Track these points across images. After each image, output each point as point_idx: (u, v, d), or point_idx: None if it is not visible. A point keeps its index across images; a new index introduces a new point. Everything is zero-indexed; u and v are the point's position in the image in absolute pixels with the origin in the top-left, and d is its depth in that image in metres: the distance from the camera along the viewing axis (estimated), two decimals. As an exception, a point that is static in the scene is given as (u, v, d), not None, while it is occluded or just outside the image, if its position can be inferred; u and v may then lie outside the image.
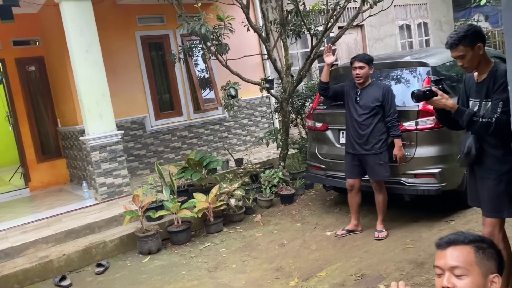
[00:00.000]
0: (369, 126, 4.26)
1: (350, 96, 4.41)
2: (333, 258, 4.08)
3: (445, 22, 12.06)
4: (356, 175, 4.44)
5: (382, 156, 4.27)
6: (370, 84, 4.36)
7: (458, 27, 2.80)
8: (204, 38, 5.01)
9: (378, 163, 4.27)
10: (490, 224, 2.70)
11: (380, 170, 4.29)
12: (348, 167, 4.47)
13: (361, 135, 4.29)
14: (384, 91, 4.26)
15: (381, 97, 4.23)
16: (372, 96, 4.27)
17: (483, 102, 2.70)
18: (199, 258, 4.55)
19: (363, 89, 4.34)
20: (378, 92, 4.26)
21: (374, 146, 4.25)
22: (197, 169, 5.66)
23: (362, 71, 4.27)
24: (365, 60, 4.28)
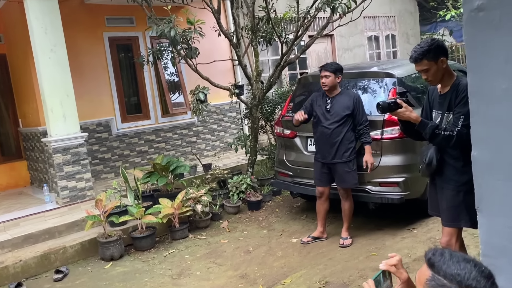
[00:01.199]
0: (339, 134, 4.30)
1: (319, 105, 4.43)
2: (298, 265, 4.08)
3: (412, 35, 12.40)
4: (326, 183, 4.47)
5: (351, 164, 4.32)
6: (339, 93, 4.39)
7: (422, 41, 2.88)
8: (174, 42, 4.95)
9: (347, 171, 4.32)
10: (448, 233, 2.77)
11: (348, 177, 4.33)
12: (318, 175, 4.50)
13: (331, 143, 4.33)
14: (354, 100, 4.31)
15: (351, 106, 4.28)
16: (342, 105, 4.30)
17: (445, 114, 2.78)
18: (163, 264, 4.46)
19: (333, 98, 4.37)
20: (348, 101, 4.30)
21: (344, 154, 4.30)
22: (164, 174, 5.57)
23: (328, 80, 4.30)
24: (331, 69, 4.30)
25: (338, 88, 4.41)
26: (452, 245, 2.78)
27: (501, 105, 1.65)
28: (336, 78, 4.32)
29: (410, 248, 4.15)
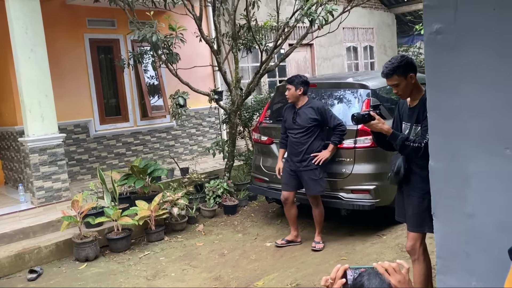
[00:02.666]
0: (305, 144, 4.44)
1: (289, 116, 4.58)
2: (271, 268, 4.20)
3: (389, 47, 12.76)
4: (292, 188, 4.59)
5: (317, 172, 4.45)
6: (306, 104, 4.50)
7: (392, 58, 3.05)
8: (155, 46, 5.03)
9: (313, 178, 4.45)
10: (412, 238, 2.94)
11: (315, 185, 4.47)
12: (285, 180, 4.63)
13: (297, 152, 4.47)
14: (318, 109, 4.43)
15: (317, 115, 4.42)
16: (307, 115, 4.44)
17: (414, 126, 2.95)
18: (138, 266, 4.51)
19: (299, 109, 4.50)
20: (312, 112, 4.43)
21: (310, 162, 4.44)
22: (141, 177, 5.61)
23: (289, 92, 4.46)
24: (291, 82, 4.45)
25: (304, 99, 4.52)
26: (416, 249, 2.95)
27: (455, 120, 1.81)
28: (298, 91, 4.43)
29: (378, 253, 4.32)
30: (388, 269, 1.35)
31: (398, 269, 1.35)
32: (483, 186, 1.77)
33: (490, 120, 1.72)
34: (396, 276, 1.35)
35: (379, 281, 1.28)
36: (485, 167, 1.76)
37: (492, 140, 1.72)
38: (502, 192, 1.72)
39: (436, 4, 1.81)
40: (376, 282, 1.27)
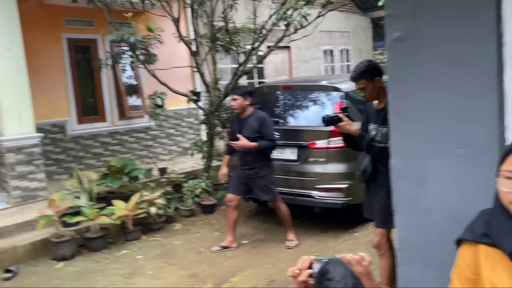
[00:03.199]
0: (252, 154, 4.46)
1: (235, 127, 4.62)
2: (246, 265, 4.31)
3: (365, 50, 13.05)
4: (239, 192, 4.64)
5: (267, 178, 4.55)
6: (251, 114, 4.51)
7: (360, 63, 3.22)
8: (133, 47, 5.09)
9: (265, 184, 4.54)
10: (379, 233, 3.10)
11: (268, 190, 4.56)
12: (234, 183, 4.68)
13: (246, 161, 4.55)
14: (260, 122, 4.44)
15: (258, 128, 4.44)
16: (251, 127, 4.46)
17: (380, 127, 3.11)
18: (115, 264, 4.55)
19: (244, 120, 4.52)
20: (256, 123, 4.45)
21: (259, 170, 4.52)
22: (119, 177, 5.65)
23: (235, 102, 4.46)
24: (238, 93, 4.47)
25: (249, 109, 4.53)
26: (382, 244, 3.11)
27: (412, 122, 1.95)
28: (245, 101, 4.44)
29: (350, 250, 4.46)
30: (351, 261, 1.47)
31: (360, 262, 1.47)
32: (438, 183, 1.92)
33: (444, 122, 1.86)
34: (359, 267, 1.47)
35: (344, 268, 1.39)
36: (440, 166, 1.90)
37: (446, 141, 1.87)
38: (455, 188, 1.87)
39: (397, 13, 1.95)
40: (341, 269, 1.38)
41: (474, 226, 1.48)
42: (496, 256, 1.38)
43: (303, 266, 1.48)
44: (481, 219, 1.48)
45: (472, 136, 1.80)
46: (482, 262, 1.42)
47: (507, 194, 1.33)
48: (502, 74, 1.72)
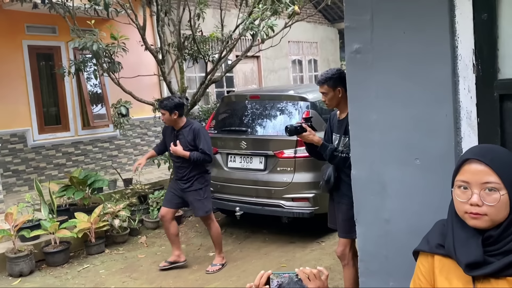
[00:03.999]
0: (187, 167, 4.30)
1: (168, 139, 4.43)
2: (212, 278, 4.24)
3: (333, 61, 13.25)
4: (172, 205, 4.45)
5: (201, 192, 4.35)
6: (184, 126, 4.34)
7: (330, 69, 3.26)
8: (96, 55, 4.96)
9: (198, 199, 4.34)
10: (342, 243, 3.10)
11: (200, 205, 4.36)
12: (168, 197, 4.50)
13: (181, 174, 4.36)
14: (194, 134, 4.27)
15: (192, 141, 4.26)
16: (186, 139, 4.28)
17: (342, 137, 3.13)
18: (76, 279, 4.39)
19: (178, 132, 4.35)
20: (190, 136, 4.27)
21: (194, 183, 4.33)
22: (81, 188, 5.47)
23: (164, 117, 4.30)
24: (164, 107, 4.23)
25: (182, 120, 4.35)
26: (346, 254, 3.11)
27: (372, 133, 1.96)
28: (173, 115, 4.23)
29: (317, 259, 4.48)
30: (309, 275, 1.45)
31: (318, 276, 1.45)
32: (398, 193, 1.93)
33: (402, 133, 1.88)
34: (316, 282, 1.46)
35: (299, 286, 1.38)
36: (399, 176, 1.91)
37: (404, 151, 1.88)
38: (413, 199, 1.88)
39: (355, 26, 1.96)
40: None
41: (430, 237, 1.48)
42: (451, 266, 1.38)
43: (261, 281, 1.46)
44: (436, 229, 1.48)
45: (430, 146, 1.82)
46: (437, 272, 1.42)
47: (461, 204, 1.34)
48: (456, 86, 1.75)
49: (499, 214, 1.27)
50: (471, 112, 1.72)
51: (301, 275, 1.44)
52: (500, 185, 1.27)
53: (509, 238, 1.27)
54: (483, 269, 1.27)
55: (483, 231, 1.30)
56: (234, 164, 5.26)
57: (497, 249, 1.28)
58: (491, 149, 1.37)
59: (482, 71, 1.67)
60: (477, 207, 1.28)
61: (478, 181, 1.29)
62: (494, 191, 1.27)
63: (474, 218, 1.29)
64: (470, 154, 1.36)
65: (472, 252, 1.29)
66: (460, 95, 1.74)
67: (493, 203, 1.26)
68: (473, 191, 1.30)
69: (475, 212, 1.29)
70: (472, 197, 1.30)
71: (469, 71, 1.70)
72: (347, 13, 1.99)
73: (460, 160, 1.40)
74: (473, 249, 1.30)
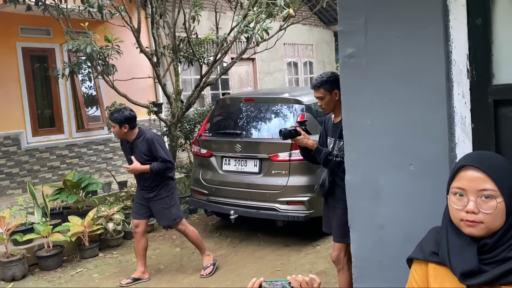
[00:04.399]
0: (150, 177, 4.16)
1: (125, 151, 4.34)
2: (206, 282, 4.20)
3: (328, 63, 13.26)
4: (141, 216, 4.30)
5: (168, 200, 4.23)
6: (137, 137, 4.18)
7: (324, 72, 3.23)
8: (90, 58, 4.94)
9: (164, 207, 4.22)
10: (337, 248, 3.08)
11: (166, 214, 4.24)
12: (135, 208, 4.37)
13: (144, 185, 4.23)
14: (148, 145, 4.13)
15: (147, 151, 4.13)
16: (140, 150, 4.15)
17: (337, 141, 3.11)
18: (69, 284, 4.35)
19: (132, 144, 4.20)
20: (144, 147, 4.14)
21: (159, 192, 4.21)
22: (74, 191, 5.43)
23: (114, 129, 4.14)
24: (114, 120, 4.07)
25: (133, 133, 4.17)
26: (341, 259, 3.09)
27: (366, 138, 1.94)
28: (123, 128, 4.08)
29: (312, 263, 4.46)
30: (301, 283, 1.43)
31: (311, 283, 1.43)
32: (392, 199, 1.91)
33: (397, 138, 1.87)
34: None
35: None
36: (393, 182, 1.90)
37: (399, 157, 1.87)
38: (407, 205, 1.87)
39: (349, 30, 1.95)
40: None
41: (424, 245, 1.46)
42: (445, 274, 1.36)
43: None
44: (430, 237, 1.47)
45: (424, 152, 1.80)
46: (431, 281, 1.41)
47: (457, 212, 1.32)
48: (451, 91, 1.74)
49: (495, 222, 1.25)
50: (465, 118, 1.70)
51: (293, 283, 1.42)
52: (496, 193, 1.25)
53: (504, 246, 1.25)
54: (478, 278, 1.26)
55: (479, 239, 1.29)
56: (229, 167, 5.24)
57: (492, 257, 1.27)
58: (488, 156, 1.36)
59: (476, 77, 1.66)
60: (473, 215, 1.27)
61: (475, 188, 1.27)
62: (490, 199, 1.25)
63: (470, 226, 1.28)
64: (467, 161, 1.34)
65: (468, 261, 1.27)
66: (454, 101, 1.73)
67: (489, 211, 1.25)
68: (469, 198, 1.28)
69: (471, 220, 1.27)
70: (468, 205, 1.28)
71: (463, 76, 1.69)
72: (341, 17, 1.98)
73: (456, 167, 1.38)
74: (468, 257, 1.28)
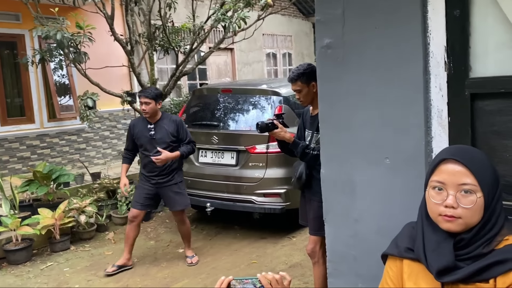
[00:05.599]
0: (167, 164, 4.16)
1: (142, 133, 4.21)
2: (181, 275, 4.14)
3: (307, 54, 13.24)
4: (144, 207, 4.29)
5: (181, 185, 4.29)
6: (161, 118, 4.22)
7: (300, 65, 3.18)
8: (60, 45, 4.75)
9: (178, 191, 4.25)
10: (313, 241, 3.06)
11: (180, 198, 4.27)
12: (139, 199, 4.27)
13: (161, 168, 4.17)
14: (176, 125, 4.19)
15: (175, 132, 4.18)
16: (167, 131, 4.16)
17: (315, 133, 3.08)
18: (38, 278, 4.22)
19: (156, 124, 4.19)
20: (172, 127, 4.17)
21: (173, 176, 4.23)
22: (45, 183, 5.26)
23: (148, 107, 4.08)
24: (150, 96, 4.07)
25: (159, 113, 4.24)
26: (316, 252, 3.07)
27: (342, 131, 1.90)
28: (157, 104, 4.13)
29: (288, 255, 4.44)
30: (271, 281, 1.39)
31: (281, 281, 1.39)
32: (367, 193, 1.88)
33: (373, 131, 1.83)
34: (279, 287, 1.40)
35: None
36: (369, 176, 1.86)
37: (375, 151, 1.83)
38: (383, 199, 1.84)
39: (326, 19, 1.89)
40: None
41: (399, 241, 1.43)
42: (420, 271, 1.34)
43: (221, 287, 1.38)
44: (406, 233, 1.44)
45: (400, 146, 1.77)
46: (405, 277, 1.38)
47: (435, 206, 1.28)
48: (428, 84, 1.71)
49: (473, 217, 1.23)
50: (442, 111, 1.68)
51: (263, 281, 1.38)
52: (476, 187, 1.22)
53: (479, 242, 1.23)
54: (453, 275, 1.23)
55: (455, 235, 1.26)
56: (205, 159, 5.16)
57: (467, 253, 1.24)
58: (469, 150, 1.32)
59: (454, 69, 1.63)
60: (452, 209, 1.23)
61: (455, 182, 1.24)
62: (470, 193, 1.23)
63: (448, 221, 1.24)
64: (448, 154, 1.30)
65: (444, 257, 1.25)
66: (432, 93, 1.70)
67: (469, 206, 1.22)
68: (448, 192, 1.25)
69: (450, 215, 1.24)
70: (448, 199, 1.24)
71: (441, 69, 1.66)
72: (318, 7, 1.92)
73: (436, 160, 1.34)
74: (444, 253, 1.25)
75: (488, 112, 1.61)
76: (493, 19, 1.57)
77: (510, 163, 1.58)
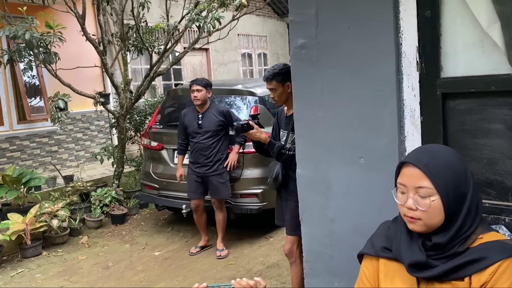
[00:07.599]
0: (214, 148, 4.41)
1: (191, 121, 4.48)
2: (157, 278, 4.08)
3: (282, 55, 13.28)
4: (200, 195, 4.52)
5: (225, 175, 4.48)
6: (209, 107, 4.48)
7: (276, 64, 3.18)
8: (29, 45, 4.61)
9: (221, 182, 4.44)
10: (290, 241, 3.06)
11: (223, 188, 4.47)
12: (192, 188, 4.51)
13: (205, 156, 4.41)
14: (224, 114, 4.44)
15: (222, 120, 4.41)
16: (214, 119, 4.40)
17: (290, 133, 3.08)
18: (8, 285, 4.09)
19: (204, 113, 4.44)
20: (218, 116, 4.41)
21: (218, 166, 4.43)
22: (15, 187, 5.10)
23: (200, 94, 4.36)
24: (202, 84, 4.38)
25: (208, 102, 4.50)
26: (293, 252, 3.07)
27: (317, 130, 1.91)
28: (207, 93, 4.42)
29: (265, 256, 4.44)
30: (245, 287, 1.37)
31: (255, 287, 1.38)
32: (342, 193, 1.89)
33: (347, 131, 1.84)
34: None
35: None
36: (344, 175, 1.87)
37: (349, 150, 1.85)
38: (358, 198, 1.85)
39: (300, 20, 1.90)
40: None
41: (374, 240, 1.44)
42: (396, 270, 1.35)
43: None
44: (381, 232, 1.45)
45: (374, 145, 1.79)
46: (382, 277, 1.39)
47: (401, 207, 1.33)
48: (401, 83, 1.72)
49: (432, 219, 1.25)
50: (414, 111, 1.70)
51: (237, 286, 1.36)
52: (432, 191, 1.24)
53: (455, 242, 1.25)
54: (427, 272, 1.25)
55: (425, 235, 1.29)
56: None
57: (442, 252, 1.26)
58: (430, 152, 1.33)
59: (426, 69, 1.65)
60: (412, 211, 1.27)
61: (413, 185, 1.28)
62: (426, 197, 1.25)
63: (411, 222, 1.29)
64: (407, 157, 1.35)
65: (415, 253, 1.28)
66: (404, 93, 1.72)
67: (424, 208, 1.25)
68: (408, 194, 1.29)
69: (410, 216, 1.28)
70: (408, 201, 1.29)
71: (413, 69, 1.68)
72: (291, 7, 1.92)
73: (399, 163, 1.37)
74: (414, 249, 1.29)
75: (459, 111, 1.64)
76: (463, 20, 1.60)
77: (481, 161, 1.61)
